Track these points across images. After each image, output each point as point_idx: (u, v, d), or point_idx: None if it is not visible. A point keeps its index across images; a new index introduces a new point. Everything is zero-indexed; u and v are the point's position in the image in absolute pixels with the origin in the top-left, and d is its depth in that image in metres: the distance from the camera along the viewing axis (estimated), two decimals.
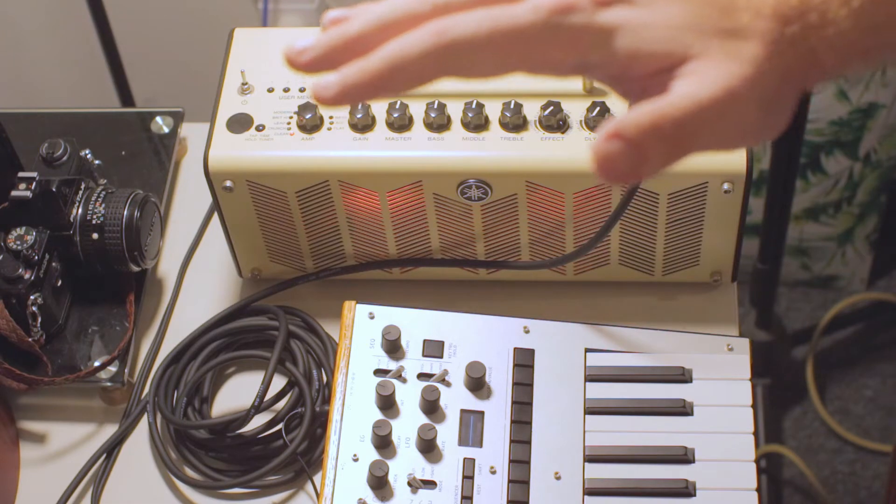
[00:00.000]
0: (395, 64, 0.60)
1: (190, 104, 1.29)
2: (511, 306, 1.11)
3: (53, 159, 1.12)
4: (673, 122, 0.59)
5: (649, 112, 0.59)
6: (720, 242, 1.08)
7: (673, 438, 0.99)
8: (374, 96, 0.62)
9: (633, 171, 0.59)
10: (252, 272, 1.14)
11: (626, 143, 0.58)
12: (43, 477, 1.08)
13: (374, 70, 0.61)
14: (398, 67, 0.60)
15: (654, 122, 0.59)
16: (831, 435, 2.00)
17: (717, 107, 0.59)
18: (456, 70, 0.61)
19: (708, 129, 0.60)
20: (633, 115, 0.59)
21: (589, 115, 1.03)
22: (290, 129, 1.05)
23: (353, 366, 1.02)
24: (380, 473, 0.96)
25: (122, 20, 1.85)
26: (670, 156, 0.60)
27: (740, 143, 0.63)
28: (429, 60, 0.60)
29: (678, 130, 0.59)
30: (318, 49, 0.63)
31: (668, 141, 0.59)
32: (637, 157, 0.59)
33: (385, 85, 0.61)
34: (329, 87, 0.61)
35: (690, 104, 0.59)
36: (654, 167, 0.60)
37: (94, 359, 1.10)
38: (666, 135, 0.59)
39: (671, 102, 0.59)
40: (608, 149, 0.58)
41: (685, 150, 0.60)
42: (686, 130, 0.59)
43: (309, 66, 0.63)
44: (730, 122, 0.60)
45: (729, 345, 1.03)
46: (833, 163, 1.92)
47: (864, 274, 2.10)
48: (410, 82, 0.61)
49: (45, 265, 1.07)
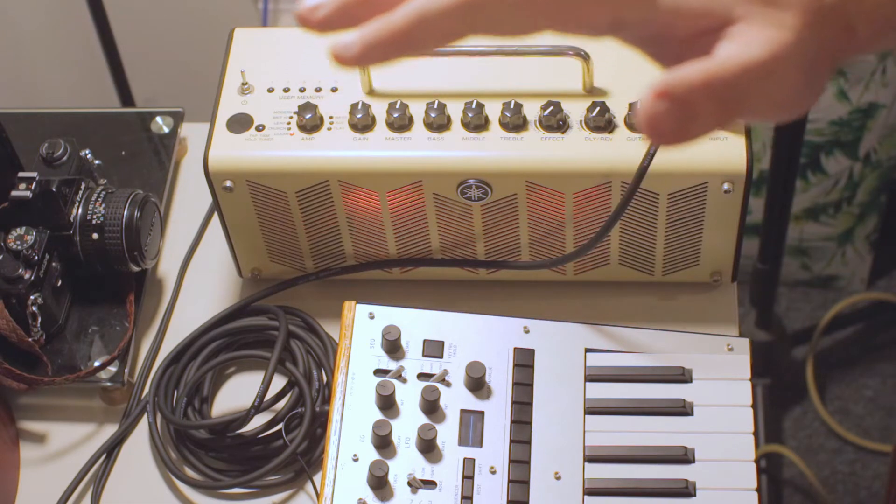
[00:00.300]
0: (421, 20, 0.57)
1: (190, 104, 1.29)
2: (511, 306, 1.11)
3: (53, 159, 1.12)
4: (723, 81, 0.57)
5: (699, 70, 0.56)
6: (720, 242, 1.08)
7: (673, 438, 0.99)
8: (399, 55, 0.58)
9: (681, 131, 0.57)
10: (252, 272, 1.14)
11: (675, 102, 0.56)
12: (43, 477, 1.08)
13: (398, 27, 0.57)
14: (424, 24, 0.57)
15: (704, 80, 0.56)
16: (831, 435, 2.00)
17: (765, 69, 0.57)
18: (484, 27, 0.58)
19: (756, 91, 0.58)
20: (682, 73, 0.56)
21: (589, 115, 1.03)
22: (290, 129, 1.05)
23: (353, 366, 1.02)
24: (380, 473, 0.96)
25: (122, 20, 1.85)
26: (720, 117, 0.58)
27: (783, 111, 0.61)
28: (456, 17, 0.57)
29: (729, 90, 0.57)
30: (334, 4, 0.59)
31: (719, 101, 0.57)
32: (686, 116, 0.56)
33: (410, 43, 0.58)
34: (350, 46, 0.58)
35: (739, 65, 0.57)
36: (703, 128, 0.57)
37: (94, 359, 1.10)
38: (717, 94, 0.57)
39: (720, 62, 0.57)
40: (656, 108, 0.56)
41: (734, 113, 0.58)
42: (736, 91, 0.57)
43: (323, 23, 0.59)
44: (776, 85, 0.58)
45: (729, 345, 1.03)
46: (833, 163, 1.92)
47: (864, 274, 2.10)
48: (437, 40, 0.58)
49: (45, 265, 1.07)
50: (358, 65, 0.58)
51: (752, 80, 0.57)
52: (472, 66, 1.07)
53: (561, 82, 1.05)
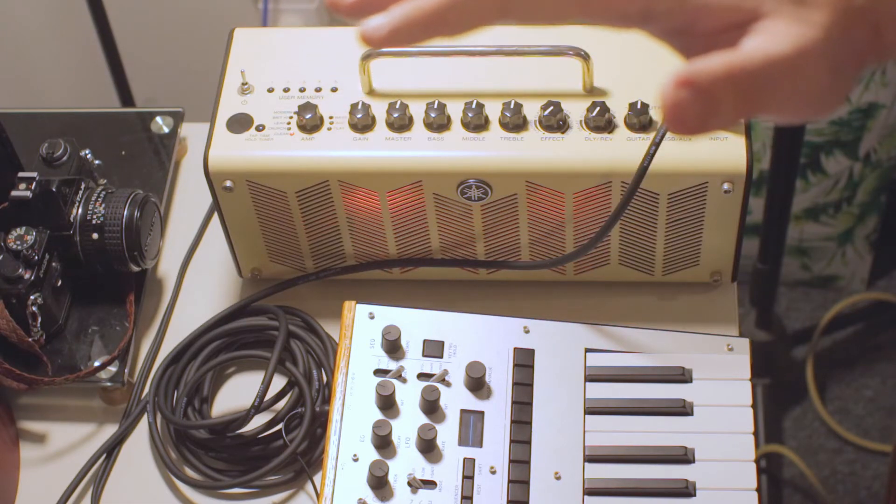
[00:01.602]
0: (454, 3, 0.57)
1: (190, 104, 1.29)
2: (511, 306, 1.11)
3: (53, 159, 1.12)
4: (747, 73, 0.56)
5: (723, 62, 0.56)
6: (720, 242, 1.08)
7: (673, 438, 0.99)
8: (428, 37, 0.58)
9: (703, 122, 0.56)
10: (252, 272, 1.14)
11: (698, 92, 0.55)
12: (43, 477, 1.08)
13: (429, 8, 0.57)
14: (457, 7, 0.57)
15: (728, 71, 0.56)
16: (831, 435, 2.00)
17: (791, 64, 0.57)
18: (515, 13, 0.58)
19: (780, 86, 0.58)
20: (705, 63, 0.56)
21: (589, 115, 1.03)
22: (290, 129, 1.05)
23: (353, 366, 1.02)
24: (380, 473, 0.96)
25: (122, 20, 1.85)
26: (742, 110, 0.57)
27: (806, 110, 0.60)
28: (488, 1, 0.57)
29: (752, 83, 0.57)
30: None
31: (742, 93, 0.57)
32: (709, 106, 0.56)
33: (440, 25, 0.58)
34: (380, 27, 0.57)
35: (764, 58, 0.57)
36: (725, 120, 0.57)
37: (94, 359, 1.10)
38: (740, 86, 0.56)
39: (745, 55, 0.57)
40: (678, 96, 0.55)
41: (757, 107, 0.58)
42: (759, 84, 0.57)
43: (353, 8, 0.59)
44: (801, 82, 0.58)
45: (729, 345, 1.03)
46: (833, 163, 1.92)
47: (864, 274, 2.10)
48: (468, 24, 0.58)
49: (45, 265, 1.07)
50: (387, 45, 0.58)
51: (777, 75, 0.57)
52: (472, 66, 1.07)
53: (561, 82, 1.05)
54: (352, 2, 0.59)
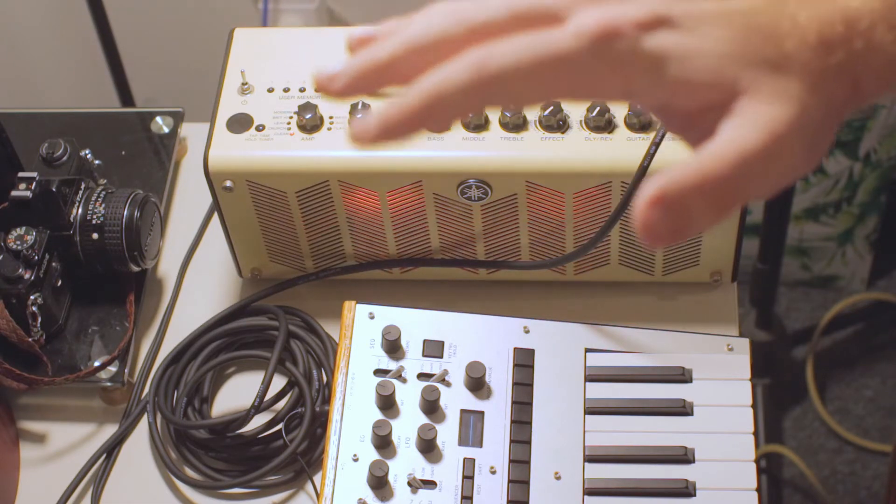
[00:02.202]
0: (435, 100, 0.58)
1: (190, 104, 1.29)
2: (511, 306, 1.11)
3: (53, 159, 1.12)
4: (719, 179, 0.56)
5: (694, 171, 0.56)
6: (720, 242, 1.08)
7: (673, 438, 0.99)
8: (416, 132, 0.60)
9: (678, 233, 0.57)
10: (252, 272, 1.14)
11: (669, 209, 0.56)
12: (43, 477, 1.08)
13: (413, 108, 0.58)
14: (439, 103, 0.58)
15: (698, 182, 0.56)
16: (831, 435, 2.00)
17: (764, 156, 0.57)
18: (498, 101, 0.59)
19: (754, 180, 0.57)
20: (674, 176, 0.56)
21: (589, 115, 1.03)
22: (290, 129, 1.05)
23: (353, 366, 1.02)
24: (380, 473, 0.96)
25: (122, 20, 1.85)
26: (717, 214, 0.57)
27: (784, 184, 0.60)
28: (470, 94, 0.58)
29: (725, 187, 0.57)
30: (350, 75, 0.61)
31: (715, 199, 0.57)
32: (681, 220, 0.56)
33: (426, 121, 0.59)
34: (369, 129, 0.59)
35: (738, 155, 0.56)
36: (700, 227, 0.57)
37: (94, 359, 1.10)
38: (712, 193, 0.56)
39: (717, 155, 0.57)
40: (650, 216, 0.56)
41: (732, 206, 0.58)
42: (732, 185, 0.57)
43: (342, 92, 0.61)
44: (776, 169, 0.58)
45: (729, 345, 1.03)
46: (833, 163, 1.92)
47: (864, 274, 2.10)
48: (452, 116, 0.59)
49: (45, 265, 1.07)
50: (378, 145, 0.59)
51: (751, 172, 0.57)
52: None
53: None
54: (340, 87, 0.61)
